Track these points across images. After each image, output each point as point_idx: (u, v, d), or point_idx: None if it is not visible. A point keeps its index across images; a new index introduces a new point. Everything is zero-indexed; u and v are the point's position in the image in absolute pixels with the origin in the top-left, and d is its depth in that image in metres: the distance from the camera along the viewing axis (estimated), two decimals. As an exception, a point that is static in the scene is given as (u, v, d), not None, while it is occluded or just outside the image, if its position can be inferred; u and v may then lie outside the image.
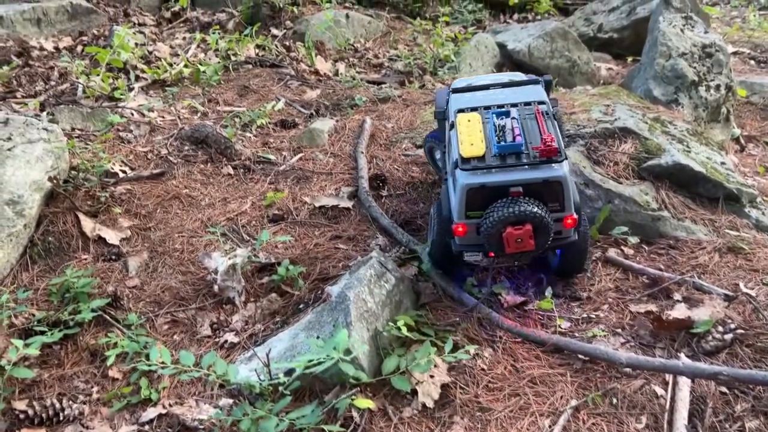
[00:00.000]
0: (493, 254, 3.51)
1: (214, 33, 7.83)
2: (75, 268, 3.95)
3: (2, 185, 4.12)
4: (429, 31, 9.03)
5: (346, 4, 9.58)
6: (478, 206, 3.33)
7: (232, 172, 5.16)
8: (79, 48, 7.88)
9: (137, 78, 6.81)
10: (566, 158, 3.33)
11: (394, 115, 6.03)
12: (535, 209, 3.20)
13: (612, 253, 4.10)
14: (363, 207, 4.67)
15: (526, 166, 3.27)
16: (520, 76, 4.14)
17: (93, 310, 3.58)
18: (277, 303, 3.79)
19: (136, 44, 7.31)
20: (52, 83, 6.70)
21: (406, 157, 5.24)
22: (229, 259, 3.92)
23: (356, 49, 8.48)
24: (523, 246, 3.27)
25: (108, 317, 3.66)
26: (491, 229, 3.24)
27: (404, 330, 3.16)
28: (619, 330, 3.44)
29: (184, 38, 8.30)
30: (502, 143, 3.33)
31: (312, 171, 5.20)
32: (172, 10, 9.19)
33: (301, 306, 3.61)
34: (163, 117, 5.96)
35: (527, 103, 3.66)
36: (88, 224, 4.35)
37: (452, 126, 3.64)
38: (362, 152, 5.33)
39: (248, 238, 4.43)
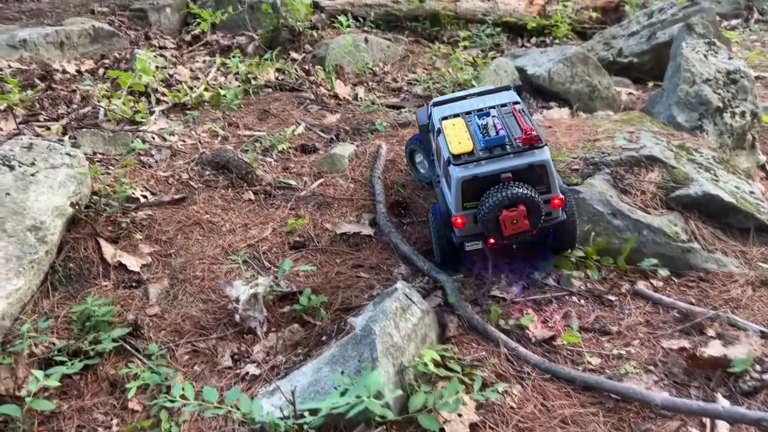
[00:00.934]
0: (492, 240, 3.80)
1: (234, 56, 7.86)
2: (95, 295, 3.91)
3: (25, 211, 4.11)
4: (447, 54, 9.03)
5: (365, 28, 9.61)
6: (472, 197, 3.69)
7: (253, 197, 5.13)
8: (101, 71, 7.95)
9: (158, 101, 6.84)
10: (546, 144, 3.70)
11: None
12: (526, 191, 3.55)
13: (641, 285, 4.00)
14: (383, 234, 4.61)
15: (512, 155, 3.64)
16: (490, 88, 4.53)
17: (114, 340, 3.53)
18: (299, 334, 3.73)
19: (157, 67, 7.36)
20: (74, 106, 6.74)
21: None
22: (251, 288, 3.87)
23: (375, 73, 8.48)
24: (519, 227, 3.60)
25: (128, 346, 3.61)
26: (488, 214, 3.58)
27: (431, 366, 3.08)
28: (652, 367, 3.34)
29: (204, 61, 8.35)
30: (487, 138, 3.72)
31: (333, 197, 5.16)
32: (193, 33, 9.26)
33: (323, 337, 3.53)
34: (183, 141, 5.96)
35: (503, 105, 4.07)
36: (109, 250, 4.33)
37: (439, 132, 4.00)
38: (379, 178, 5.28)
39: (269, 265, 4.39)
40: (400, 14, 10.10)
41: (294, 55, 8.50)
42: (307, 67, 8.16)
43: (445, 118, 4.07)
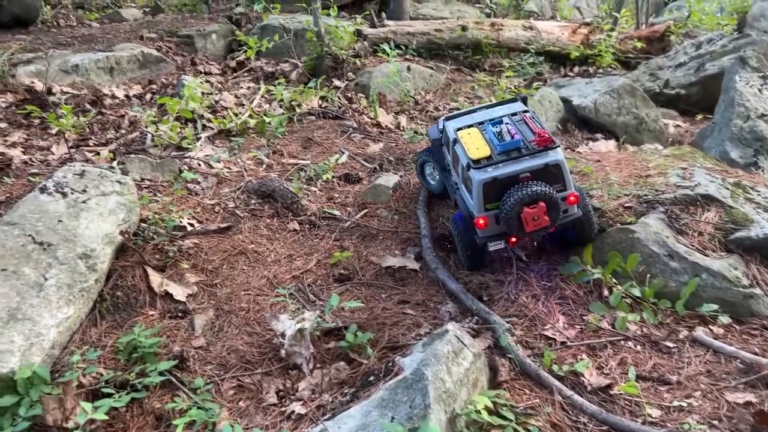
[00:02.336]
0: (513, 239, 4.12)
1: (279, 84, 7.94)
2: (142, 325, 3.91)
3: (76, 238, 4.14)
4: (490, 83, 8.98)
5: (407, 57, 9.64)
6: (493, 198, 3.98)
7: (297, 227, 5.11)
8: (149, 96, 8.10)
9: (204, 127, 6.92)
10: (559, 145, 4.02)
11: (459, 171, 5.92)
12: (545, 188, 3.84)
13: (700, 332, 3.84)
14: (429, 269, 4.53)
15: (528, 156, 3.96)
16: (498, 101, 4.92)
17: (161, 373, 3.51)
18: (345, 372, 3.65)
19: (203, 93, 7.46)
20: (123, 131, 6.86)
21: (475, 218, 5.10)
22: (297, 322, 3.82)
23: (417, 102, 8.47)
24: (540, 223, 3.87)
25: (174, 379, 3.58)
26: (511, 212, 3.85)
27: (484, 414, 2.98)
28: (716, 422, 3.18)
29: (248, 87, 8.45)
30: (503, 143, 4.04)
31: (377, 228, 5.11)
32: (237, 59, 9.40)
33: (371, 378, 3.45)
34: (229, 168, 6.00)
35: (514, 114, 4.41)
36: (156, 279, 4.33)
37: (455, 142, 4.30)
38: (423, 211, 5.23)
39: (314, 298, 4.34)
40: (442, 43, 10.12)
41: (337, 82, 8.55)
42: (350, 95, 8.20)
43: (459, 129, 4.37)
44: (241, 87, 8.49)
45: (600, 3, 15.31)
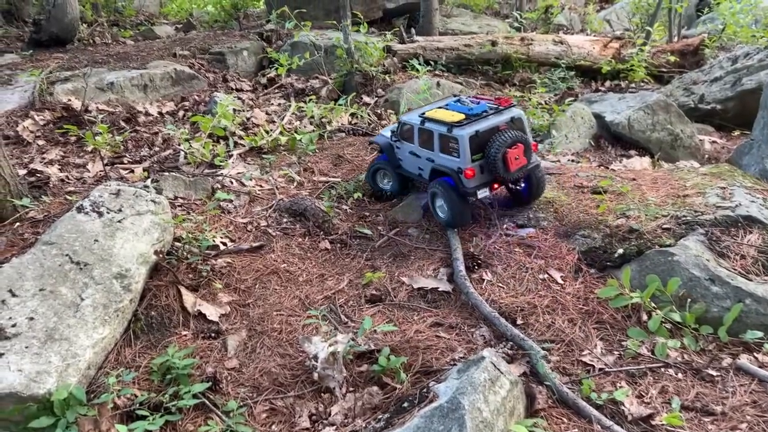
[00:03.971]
0: (495, 185, 4.97)
1: (309, 101, 7.98)
2: (176, 346, 3.92)
3: (112, 258, 4.19)
4: (520, 98, 8.91)
5: (437, 72, 9.63)
6: (476, 150, 4.77)
7: (329, 246, 5.10)
8: (181, 113, 8.21)
9: (235, 145, 6.97)
10: (516, 105, 5.05)
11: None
12: (521, 133, 4.86)
13: (744, 360, 3.72)
14: (461, 292, 4.47)
15: (496, 113, 4.91)
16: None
17: (194, 396, 3.51)
18: (378, 397, 3.61)
19: (235, 111, 7.53)
20: (156, 149, 6.96)
21: (508, 237, 5.04)
22: (330, 345, 3.80)
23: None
24: (520, 162, 4.80)
25: (208, 402, 3.58)
26: (497, 154, 4.71)
27: (523, 445, 2.91)
28: (764, 457, 3.06)
29: (279, 104, 8.52)
30: (472, 109, 4.97)
31: (409, 248, 5.07)
32: (268, 76, 9.50)
33: (405, 404, 3.41)
34: (261, 186, 6.03)
35: (460, 98, 5.36)
36: (189, 299, 4.35)
37: (424, 121, 5.06)
38: (455, 230, 5.17)
39: (346, 319, 4.31)
40: (471, 58, 10.10)
41: (367, 99, 8.57)
42: (379, 112, 8.21)
43: (423, 114, 5.16)
44: (272, 104, 8.57)
45: (631, 16, 15.14)
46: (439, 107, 5.22)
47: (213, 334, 4.18)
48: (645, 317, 4.07)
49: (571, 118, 7.61)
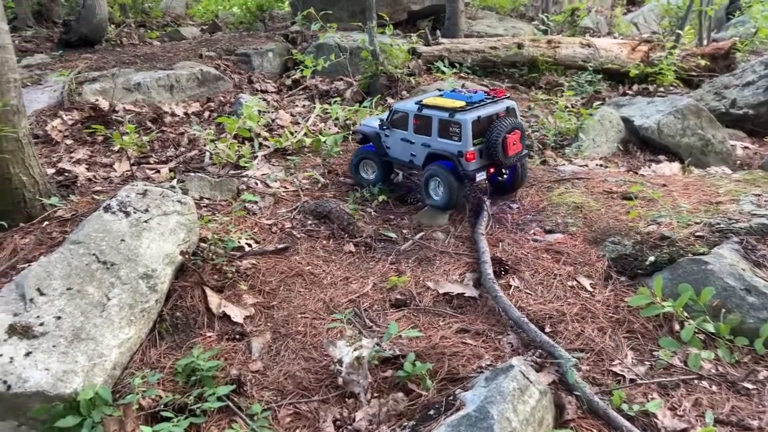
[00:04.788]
0: (492, 170, 5.36)
1: (334, 102, 7.97)
2: (201, 347, 3.91)
3: (138, 258, 4.19)
4: (546, 101, 8.81)
5: (462, 74, 9.56)
6: (477, 135, 5.16)
7: (353, 249, 5.07)
8: (207, 113, 8.25)
9: (260, 146, 6.98)
10: (509, 96, 5.61)
11: (518, 193, 5.78)
12: (519, 120, 5.37)
13: (783, 373, 3.59)
14: (489, 296, 4.41)
15: (494, 102, 5.33)
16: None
17: (219, 398, 3.49)
18: (403, 403, 3.56)
19: (260, 112, 7.55)
20: (182, 149, 6.99)
21: (536, 243, 4.96)
22: (355, 350, 3.76)
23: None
24: (517, 147, 5.27)
25: (232, 405, 3.56)
26: (497, 139, 5.13)
27: (553, 457, 2.83)
28: (805, 475, 2.95)
29: (304, 106, 8.52)
30: (471, 97, 5.35)
31: (434, 252, 5.01)
32: (293, 77, 9.51)
33: (431, 411, 3.35)
34: (285, 188, 6.02)
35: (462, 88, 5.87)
36: (214, 300, 4.35)
37: (421, 108, 5.40)
38: (482, 234, 5.10)
39: (371, 323, 4.27)
40: (497, 60, 10.02)
41: (391, 101, 8.52)
42: (404, 114, 8.15)
43: (420, 102, 5.50)
44: (297, 105, 8.57)
45: (659, 19, 14.92)
46: (434, 96, 5.59)
47: (237, 336, 4.17)
48: (677, 327, 3.96)
49: (599, 121, 7.50)
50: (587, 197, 5.51)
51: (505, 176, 5.60)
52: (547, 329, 4.07)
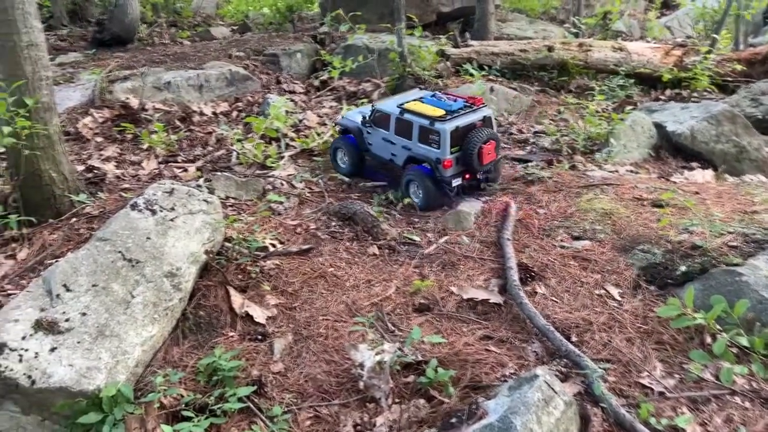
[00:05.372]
0: (467, 176, 5.58)
1: (361, 104, 7.94)
2: (222, 347, 3.91)
3: (163, 256, 4.21)
4: (576, 105, 8.67)
5: (491, 77, 9.47)
6: (455, 143, 5.41)
7: (377, 252, 5.03)
8: (234, 113, 8.30)
9: (287, 146, 6.99)
10: (486, 105, 5.78)
11: (545, 199, 5.69)
12: (494, 131, 5.62)
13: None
14: (514, 302, 4.33)
15: (472, 112, 5.55)
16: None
17: (240, 399, 3.48)
18: (424, 410, 3.51)
19: (287, 112, 7.56)
20: (210, 148, 7.03)
21: (563, 250, 4.87)
22: (377, 354, 3.72)
23: (500, 124, 8.28)
24: (491, 156, 5.55)
25: (252, 406, 3.55)
26: (474, 149, 5.38)
27: (577, 471, 2.76)
28: (842, 499, 2.82)
29: (331, 107, 8.51)
30: (451, 106, 5.56)
31: (458, 257, 4.95)
32: (321, 78, 9.51)
33: (453, 420, 3.30)
34: (311, 189, 6.01)
35: (433, 94, 5.97)
36: (237, 300, 4.35)
37: (403, 112, 5.66)
38: (508, 239, 5.02)
39: (393, 327, 4.23)
40: (526, 63, 9.90)
41: (418, 103, 8.47)
42: (431, 116, 8.09)
43: (401, 105, 5.73)
44: (324, 106, 8.58)
45: (694, 24, 14.62)
46: (415, 100, 5.80)
47: (259, 337, 4.16)
48: (709, 340, 3.85)
49: (631, 127, 7.34)
50: (617, 204, 5.39)
51: (481, 176, 5.87)
52: (573, 338, 3.98)
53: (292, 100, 8.49)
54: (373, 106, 6.11)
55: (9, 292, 4.25)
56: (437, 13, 12.42)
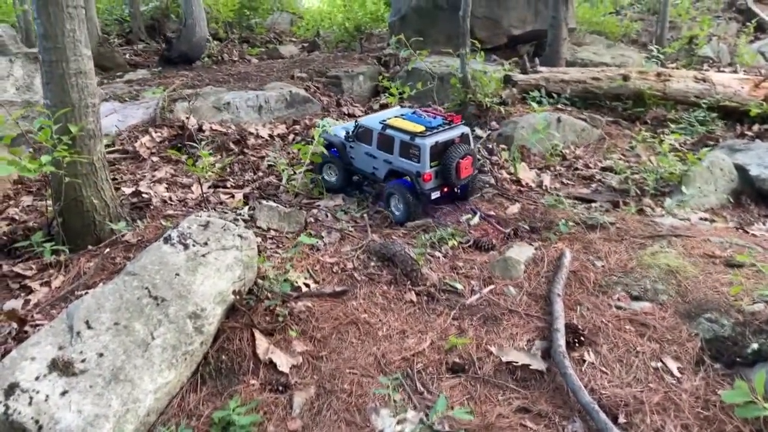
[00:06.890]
0: (446, 189, 5.89)
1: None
2: (239, 398, 3.73)
3: (189, 295, 4.07)
4: (651, 140, 8.08)
5: (559, 106, 9.00)
6: (434, 158, 5.70)
7: (414, 299, 4.74)
8: (291, 136, 8.22)
9: (336, 174, 6.80)
10: (464, 123, 6.08)
11: (605, 249, 5.23)
12: (471, 147, 5.87)
13: None
14: (558, 371, 3.93)
15: (450, 128, 5.84)
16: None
17: (248, 463, 3.27)
18: (445, 492, 3.19)
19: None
20: (260, 173, 6.95)
21: (619, 311, 4.42)
22: (398, 422, 3.44)
23: (564, 157, 7.82)
24: (468, 171, 5.81)
25: (261, 469, 3.33)
26: (451, 164, 5.66)
27: None
28: None
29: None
30: (430, 122, 5.87)
31: (502, 311, 4.59)
32: (381, 102, 9.33)
33: None
34: (355, 222, 5.80)
35: (414, 111, 6.35)
36: (262, 344, 4.16)
37: (385, 128, 5.95)
38: (558, 295, 4.61)
39: (422, 389, 3.92)
40: (599, 92, 9.37)
41: (478, 131, 8.15)
42: (490, 146, 7.76)
43: (383, 121, 6.04)
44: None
45: (791, 50, 13.54)
46: (397, 116, 6.12)
47: (281, 387, 3.95)
48: (781, 436, 3.34)
49: (708, 168, 6.74)
50: (684, 260, 4.88)
51: (457, 190, 6.19)
52: (621, 419, 3.56)
53: (348, 125, 8.33)
54: (356, 121, 6.40)
55: (37, 322, 4.23)
56: (508, 35, 12.03)
